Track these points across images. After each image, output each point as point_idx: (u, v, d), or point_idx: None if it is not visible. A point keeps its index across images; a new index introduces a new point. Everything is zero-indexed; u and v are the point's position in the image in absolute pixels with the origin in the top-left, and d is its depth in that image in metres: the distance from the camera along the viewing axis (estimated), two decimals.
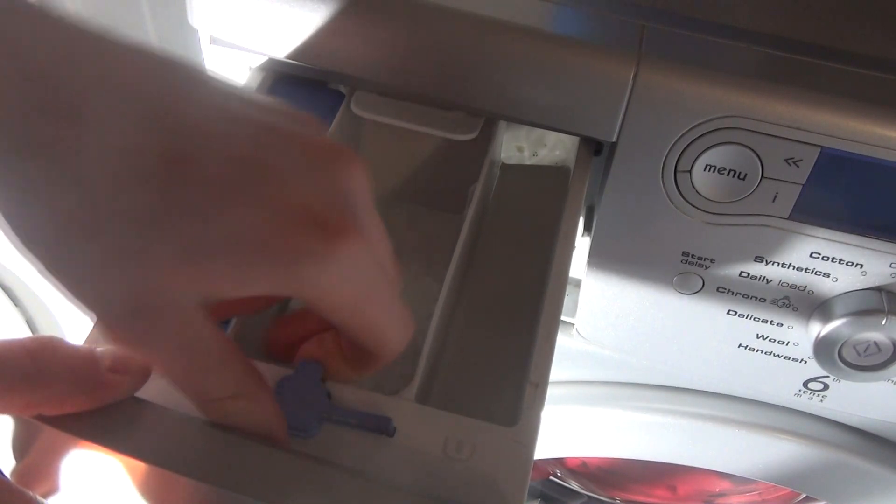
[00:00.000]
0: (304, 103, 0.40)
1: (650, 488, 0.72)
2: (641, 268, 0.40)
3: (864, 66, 0.34)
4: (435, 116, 0.38)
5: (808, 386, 0.43)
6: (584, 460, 0.70)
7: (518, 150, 0.46)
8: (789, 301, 0.39)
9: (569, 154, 0.45)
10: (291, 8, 0.34)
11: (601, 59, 0.33)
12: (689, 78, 0.33)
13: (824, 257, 0.36)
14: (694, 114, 0.33)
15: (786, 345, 0.41)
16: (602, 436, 0.57)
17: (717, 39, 0.35)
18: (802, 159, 0.33)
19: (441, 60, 0.34)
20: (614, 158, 0.36)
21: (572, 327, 0.45)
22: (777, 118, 0.32)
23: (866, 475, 0.52)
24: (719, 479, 0.67)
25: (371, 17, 0.34)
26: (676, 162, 0.35)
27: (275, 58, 0.37)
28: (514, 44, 0.34)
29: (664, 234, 0.37)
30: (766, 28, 0.36)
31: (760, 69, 0.34)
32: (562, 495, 0.76)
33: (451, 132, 0.37)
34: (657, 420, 0.53)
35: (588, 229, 0.41)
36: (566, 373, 0.54)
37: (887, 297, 0.37)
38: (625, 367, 0.53)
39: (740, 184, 0.34)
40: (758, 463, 0.55)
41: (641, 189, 0.36)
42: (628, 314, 0.43)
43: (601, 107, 0.34)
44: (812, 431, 0.52)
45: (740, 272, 0.38)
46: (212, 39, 0.38)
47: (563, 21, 0.35)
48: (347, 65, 0.36)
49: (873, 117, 0.32)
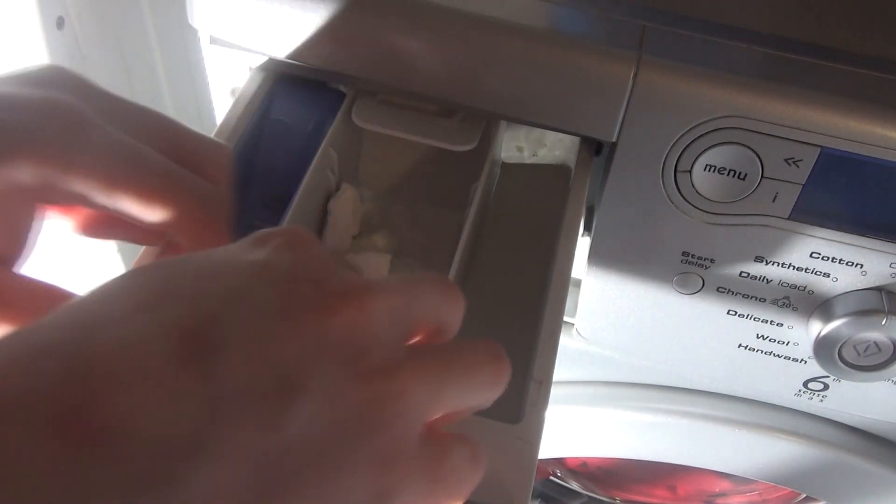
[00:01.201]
0: (304, 103, 0.40)
1: (650, 488, 0.72)
2: (641, 268, 0.40)
3: (864, 66, 0.34)
4: (434, 126, 0.38)
5: (808, 386, 0.43)
6: (584, 460, 0.70)
7: (518, 150, 0.46)
8: (789, 301, 0.39)
9: (569, 154, 0.45)
10: (291, 8, 0.34)
11: (601, 59, 0.33)
12: (689, 78, 0.33)
13: (824, 257, 0.36)
14: (694, 114, 0.33)
15: (786, 345, 0.41)
16: (602, 436, 0.57)
17: (717, 39, 0.35)
18: (802, 159, 0.33)
19: (441, 60, 0.34)
20: (614, 158, 0.36)
21: (572, 327, 0.45)
22: (777, 118, 0.32)
23: (866, 475, 0.52)
24: (719, 479, 0.67)
25: (371, 17, 0.34)
26: (676, 162, 0.35)
27: (275, 58, 0.37)
28: (515, 44, 0.34)
29: (664, 234, 0.37)
30: (766, 28, 0.36)
31: (760, 69, 0.34)
32: (562, 495, 0.76)
33: (450, 142, 0.38)
34: (657, 420, 0.53)
35: (588, 229, 0.41)
36: (566, 373, 0.54)
37: (887, 297, 0.37)
38: (625, 367, 0.53)
39: (740, 184, 0.34)
40: (758, 463, 0.55)
41: (641, 189, 0.36)
42: (628, 314, 0.43)
43: (601, 107, 0.34)
44: (812, 431, 0.52)
45: (740, 272, 0.38)
46: (212, 39, 0.38)
47: (563, 21, 0.35)
48: (347, 65, 0.36)
49: (873, 117, 0.32)
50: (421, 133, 0.38)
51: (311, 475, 0.18)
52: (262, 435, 0.18)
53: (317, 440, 0.19)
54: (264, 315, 0.20)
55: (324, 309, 0.20)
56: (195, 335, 0.18)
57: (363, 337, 0.21)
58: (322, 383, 0.19)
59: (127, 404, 0.17)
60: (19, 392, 0.16)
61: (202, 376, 0.18)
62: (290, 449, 0.18)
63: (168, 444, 0.17)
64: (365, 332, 0.21)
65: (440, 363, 0.22)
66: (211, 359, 0.18)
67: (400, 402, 0.20)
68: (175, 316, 0.19)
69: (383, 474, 0.20)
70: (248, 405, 0.18)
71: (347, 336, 0.20)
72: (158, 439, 0.17)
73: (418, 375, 0.21)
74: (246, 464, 0.17)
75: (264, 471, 0.18)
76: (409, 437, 0.21)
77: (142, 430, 0.17)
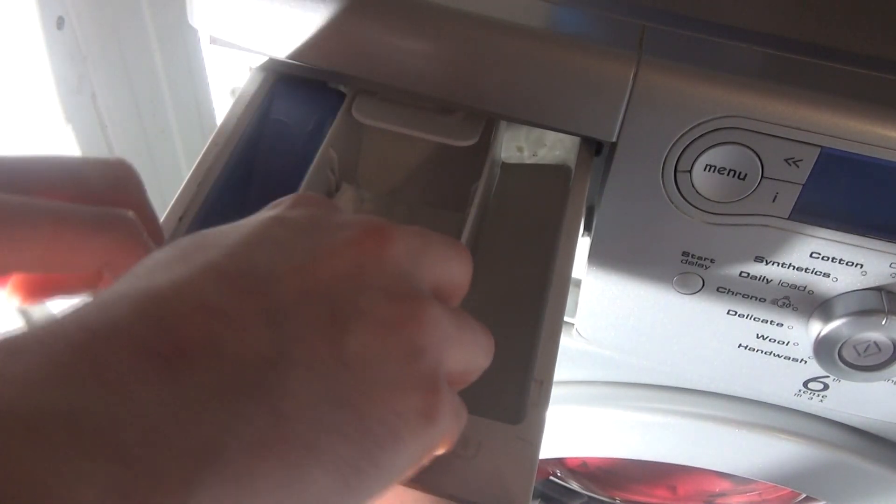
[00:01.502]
0: (304, 103, 0.40)
1: (650, 488, 0.72)
2: (641, 268, 0.40)
3: (864, 66, 0.34)
4: (435, 122, 0.38)
5: (808, 386, 0.43)
6: (584, 460, 0.70)
7: (518, 150, 0.46)
8: (789, 301, 0.39)
9: (569, 154, 0.45)
10: (291, 8, 0.34)
11: (601, 59, 0.33)
12: (689, 78, 0.33)
13: (824, 257, 0.36)
14: (694, 114, 0.33)
15: (786, 345, 0.41)
16: (602, 436, 0.57)
17: (717, 39, 0.35)
18: (802, 159, 0.33)
19: (441, 60, 0.34)
20: (614, 158, 0.36)
21: (572, 327, 0.45)
22: (777, 118, 0.32)
23: (866, 475, 0.52)
24: (719, 479, 0.67)
25: (371, 17, 0.34)
26: (676, 162, 0.35)
27: (275, 58, 0.37)
28: (515, 44, 0.34)
29: (664, 234, 0.38)
30: (766, 28, 0.36)
31: (760, 69, 0.34)
32: (562, 495, 0.76)
33: (451, 138, 0.37)
34: (657, 420, 0.53)
35: (588, 229, 0.41)
36: (566, 373, 0.54)
37: (887, 297, 0.37)
38: (625, 367, 0.53)
39: (740, 184, 0.34)
40: (758, 463, 0.55)
41: (641, 189, 0.36)
42: (628, 314, 0.43)
43: (601, 107, 0.34)
44: (812, 431, 0.52)
45: (740, 272, 0.38)
46: (212, 39, 0.38)
47: (563, 21, 0.35)
48: (347, 65, 0.36)
49: (873, 117, 0.32)
50: (421, 128, 0.38)
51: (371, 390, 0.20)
52: (331, 349, 0.20)
53: (371, 359, 0.20)
54: (299, 252, 0.21)
55: (353, 242, 0.22)
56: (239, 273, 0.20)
57: (391, 265, 0.22)
58: (368, 306, 0.21)
59: (204, 330, 0.18)
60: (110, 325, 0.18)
61: (261, 304, 0.20)
62: (350, 365, 0.20)
63: (252, 359, 0.18)
64: (391, 261, 0.22)
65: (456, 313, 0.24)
66: (262, 290, 0.20)
67: (435, 327, 0.22)
68: (211, 261, 0.20)
69: (427, 396, 0.21)
70: (312, 325, 0.20)
71: (377, 265, 0.22)
72: (241, 356, 0.18)
73: (444, 311, 0.23)
74: (319, 376, 0.19)
75: (333, 383, 0.19)
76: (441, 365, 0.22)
77: (224, 348, 0.18)
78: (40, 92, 0.52)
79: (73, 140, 0.56)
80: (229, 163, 0.36)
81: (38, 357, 0.16)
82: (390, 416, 0.20)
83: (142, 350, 0.17)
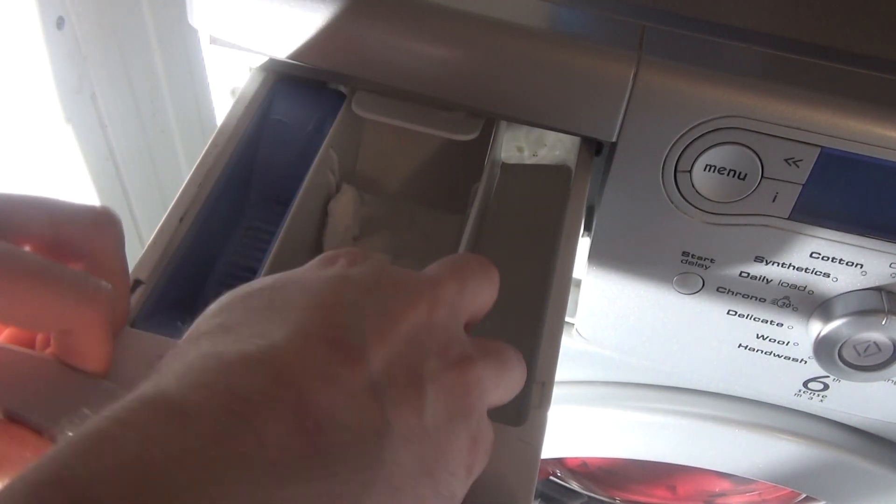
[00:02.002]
0: (304, 103, 0.40)
1: (650, 488, 0.72)
2: (641, 268, 0.40)
3: (864, 66, 0.34)
4: (435, 117, 0.38)
5: (808, 386, 0.43)
6: (584, 460, 0.70)
7: (518, 150, 0.46)
8: (789, 301, 0.39)
9: (569, 154, 0.45)
10: (291, 8, 0.34)
11: (601, 59, 0.33)
12: (689, 78, 0.33)
13: (824, 257, 0.36)
14: (694, 114, 0.33)
15: (786, 345, 0.41)
16: (602, 436, 0.57)
17: (717, 39, 0.35)
18: (802, 159, 0.33)
19: (441, 60, 0.34)
20: (614, 158, 0.36)
21: (572, 327, 0.45)
22: (777, 118, 0.32)
23: (866, 475, 0.52)
24: (719, 479, 0.67)
25: (371, 17, 0.34)
26: (676, 162, 0.35)
27: (275, 58, 0.37)
28: (515, 44, 0.34)
29: (664, 234, 0.38)
30: (766, 28, 0.36)
31: (760, 69, 0.34)
32: (562, 495, 0.76)
33: (451, 132, 0.37)
34: (657, 420, 0.53)
35: (588, 229, 0.41)
36: (566, 373, 0.54)
37: (887, 297, 0.37)
38: (625, 367, 0.53)
39: (740, 184, 0.34)
40: (758, 463, 0.55)
41: (641, 189, 0.36)
42: (628, 314, 0.43)
43: (601, 107, 0.34)
44: (812, 431, 0.52)
45: (740, 272, 0.38)
46: (212, 39, 0.38)
47: (563, 21, 0.35)
48: (347, 65, 0.36)
49: (873, 117, 0.32)
50: (422, 123, 0.38)
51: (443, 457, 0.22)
52: (418, 420, 0.21)
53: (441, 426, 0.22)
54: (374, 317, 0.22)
55: (411, 307, 0.23)
56: (337, 340, 0.21)
57: (440, 327, 0.24)
58: (431, 373, 0.22)
59: (326, 402, 0.20)
60: (253, 391, 0.19)
61: (362, 374, 0.21)
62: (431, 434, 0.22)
63: (362, 430, 0.20)
64: (440, 323, 0.24)
65: (494, 358, 0.25)
66: (362, 358, 0.21)
67: (480, 386, 0.23)
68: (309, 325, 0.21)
69: (472, 451, 0.23)
70: (402, 395, 0.21)
71: (428, 329, 0.23)
72: (354, 426, 0.20)
73: (486, 365, 0.24)
74: (409, 443, 0.21)
75: (422, 452, 0.21)
76: (483, 417, 0.24)
77: (343, 420, 0.20)
78: (40, 92, 0.52)
79: (73, 140, 0.56)
80: (229, 163, 0.36)
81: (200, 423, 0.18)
82: (450, 477, 0.22)
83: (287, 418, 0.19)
